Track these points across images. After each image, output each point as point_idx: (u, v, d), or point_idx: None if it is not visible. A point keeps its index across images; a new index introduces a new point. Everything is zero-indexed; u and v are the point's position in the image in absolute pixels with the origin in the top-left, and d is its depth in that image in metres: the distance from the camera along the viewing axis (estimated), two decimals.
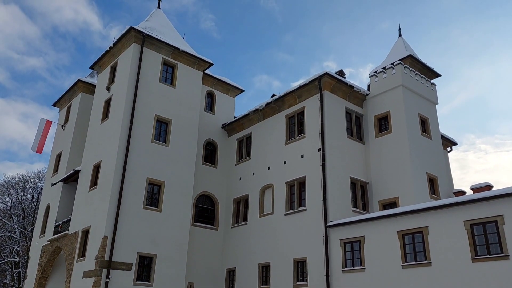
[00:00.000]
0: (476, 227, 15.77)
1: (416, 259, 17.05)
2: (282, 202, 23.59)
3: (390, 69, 24.56)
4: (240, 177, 27.28)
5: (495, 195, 15.60)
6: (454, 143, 29.35)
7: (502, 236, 14.97)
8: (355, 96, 24.89)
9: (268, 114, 26.67)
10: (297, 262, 21.62)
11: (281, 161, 24.64)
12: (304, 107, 24.37)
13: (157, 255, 22.16)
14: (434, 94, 26.15)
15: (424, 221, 17.17)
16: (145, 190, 22.88)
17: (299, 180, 23.14)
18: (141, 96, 24.31)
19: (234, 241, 25.83)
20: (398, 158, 22.65)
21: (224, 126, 29.40)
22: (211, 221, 26.81)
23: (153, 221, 22.62)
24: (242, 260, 24.69)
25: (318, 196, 21.54)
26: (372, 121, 24.60)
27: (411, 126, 23.36)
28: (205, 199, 27.16)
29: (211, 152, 28.60)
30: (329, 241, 20.29)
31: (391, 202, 22.08)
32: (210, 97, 29.91)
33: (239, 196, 26.81)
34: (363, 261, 18.69)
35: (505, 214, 15.03)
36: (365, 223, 19.23)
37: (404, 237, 17.64)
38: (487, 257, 15.17)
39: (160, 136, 24.61)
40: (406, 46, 28.43)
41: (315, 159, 22.54)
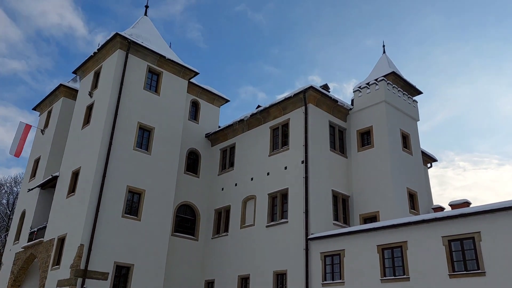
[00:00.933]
0: (454, 243, 15.96)
1: (395, 273, 17.12)
2: (264, 214, 23.48)
3: (373, 85, 24.94)
4: (223, 187, 27.08)
5: (473, 212, 15.85)
6: (434, 160, 29.83)
7: (479, 252, 15.18)
8: (339, 110, 25.14)
9: (253, 125, 26.68)
10: (277, 275, 21.46)
11: (264, 173, 24.59)
12: (289, 119, 24.48)
13: (134, 265, 21.70)
14: (415, 110, 26.62)
15: (403, 236, 17.30)
16: (125, 198, 22.48)
17: (281, 192, 23.11)
18: (124, 102, 24.04)
19: (214, 252, 25.52)
20: (380, 173, 22.87)
21: (208, 135, 29.26)
22: (192, 232, 26.46)
23: (131, 230, 22.20)
24: (222, 272, 24.38)
25: (300, 209, 21.53)
26: (355, 135, 24.85)
27: (393, 141, 23.67)
28: (186, 209, 26.84)
29: (193, 161, 28.37)
30: (309, 254, 20.23)
31: (372, 216, 22.21)
32: (194, 106, 29.78)
33: (220, 206, 26.58)
34: (343, 275, 18.67)
35: (482, 231, 15.27)
36: (346, 237, 19.27)
37: (383, 251, 17.72)
38: (464, 273, 15.33)
39: (142, 143, 24.31)
40: (389, 63, 28.97)
41: (298, 171, 22.57)
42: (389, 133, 23.62)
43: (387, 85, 24.78)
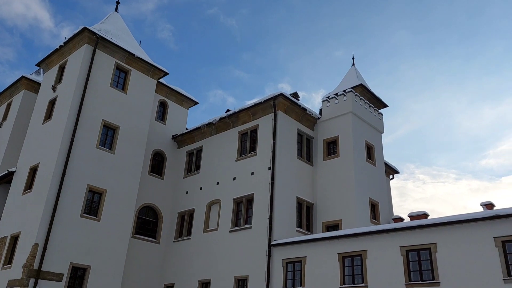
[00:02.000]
0: (411, 253, 16.40)
1: (354, 281, 17.40)
2: (228, 219, 23.34)
3: (341, 95, 25.45)
4: (187, 190, 26.74)
5: (430, 223, 16.36)
6: (396, 171, 30.71)
7: (434, 263, 15.68)
8: (307, 118, 25.47)
9: (221, 128, 26.55)
10: (238, 280, 21.34)
11: (231, 177, 24.48)
12: (258, 125, 24.53)
13: (91, 266, 20.98)
14: (380, 123, 27.36)
15: (363, 244, 17.63)
16: (85, 197, 21.75)
17: (247, 197, 23.07)
18: (89, 99, 23.33)
19: (175, 256, 25.09)
20: (343, 182, 23.29)
21: (174, 137, 28.84)
22: (153, 234, 25.91)
23: (90, 230, 21.47)
24: (182, 276, 23.99)
25: (265, 214, 21.55)
26: (322, 144, 25.23)
27: (357, 152, 24.20)
28: (148, 211, 26.28)
29: (158, 163, 27.87)
30: (271, 260, 20.25)
31: (334, 224, 22.55)
32: (162, 106, 29.33)
33: (184, 210, 26.20)
34: (304, 282, 18.79)
35: (438, 242, 15.79)
36: (308, 244, 19.43)
37: (344, 259, 17.99)
38: (419, 282, 15.78)
39: (106, 142, 23.64)
40: (358, 75, 29.67)
41: (264, 177, 22.62)
42: (354, 143, 24.13)
43: (354, 96, 25.35)
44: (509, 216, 14.44)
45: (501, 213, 14.80)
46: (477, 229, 15.03)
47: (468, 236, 15.14)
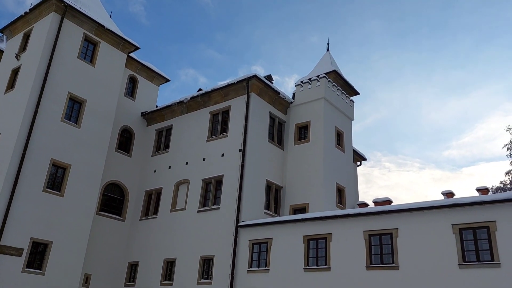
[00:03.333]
0: (373, 237, 16.92)
1: (318, 263, 17.84)
2: (196, 199, 23.25)
3: (315, 81, 25.58)
4: (155, 169, 26.36)
5: (392, 209, 16.92)
6: (363, 159, 31.40)
7: (395, 247, 16.25)
8: (280, 102, 25.48)
9: (192, 108, 26.18)
10: (204, 260, 21.43)
11: (200, 158, 24.30)
12: (230, 106, 24.34)
13: (53, 242, 20.46)
14: (351, 110, 27.77)
15: (328, 228, 18.04)
16: (48, 171, 21.03)
17: (216, 178, 23.00)
18: (55, 70, 22.35)
19: (140, 234, 24.84)
20: (312, 167, 23.61)
21: (144, 114, 28.23)
22: (118, 212, 25.52)
23: (53, 205, 20.86)
24: (147, 254, 23.84)
25: (233, 196, 21.60)
26: (293, 129, 25.38)
27: (327, 137, 24.51)
28: (114, 188, 25.78)
29: (126, 139, 27.26)
30: (238, 241, 20.41)
31: (301, 207, 22.91)
32: (132, 82, 28.54)
33: (151, 188, 25.87)
34: (269, 263, 19.08)
35: (400, 228, 16.36)
36: (274, 226, 19.69)
37: (309, 241, 18.36)
38: (380, 266, 16.35)
39: (71, 116, 22.83)
40: (332, 61, 29.82)
41: (234, 159, 22.58)
42: (325, 129, 24.41)
43: (327, 82, 25.53)
44: (467, 205, 15.11)
45: (460, 201, 15.47)
46: (437, 216, 15.67)
47: (428, 223, 15.76)
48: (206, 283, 20.71)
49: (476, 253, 14.58)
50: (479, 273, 14.19)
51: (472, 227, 14.88)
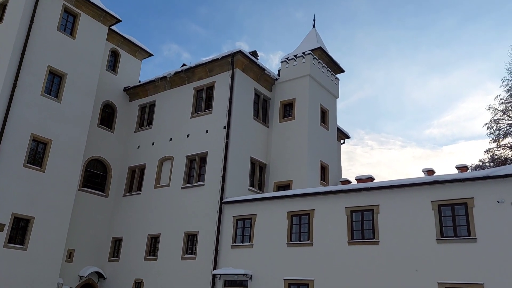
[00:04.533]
0: (355, 214, 17.29)
1: (301, 239, 18.18)
2: (180, 176, 23.22)
3: (300, 57, 25.42)
4: (139, 145, 26.12)
5: (374, 186, 17.24)
6: (347, 136, 31.72)
7: (375, 223, 16.66)
8: (265, 79, 25.32)
9: (176, 83, 25.80)
10: (188, 236, 21.60)
11: (184, 134, 24.14)
12: (214, 82, 24.08)
13: (35, 217, 20.24)
14: (336, 88, 27.82)
15: (311, 204, 18.33)
16: (28, 146, 20.59)
17: (200, 155, 22.95)
18: (34, 42, 21.59)
19: (124, 210, 24.80)
20: (297, 144, 23.74)
21: (126, 89, 27.72)
22: (101, 188, 25.34)
23: (34, 181, 20.54)
24: (131, 230, 23.88)
25: (218, 173, 21.64)
26: (278, 106, 25.35)
27: (312, 115, 24.59)
28: (97, 164, 25.51)
29: (108, 115, 26.82)
30: (222, 217, 20.58)
31: (285, 184, 23.15)
32: (114, 56, 27.84)
33: (135, 165, 25.69)
34: (252, 238, 19.37)
35: (381, 204, 16.74)
36: (258, 202, 19.89)
37: (292, 217, 18.66)
38: (361, 241, 16.78)
39: (51, 90, 22.22)
40: (317, 38, 29.61)
41: (219, 136, 22.51)
42: (309, 107, 24.46)
43: (313, 59, 25.42)
44: (446, 182, 15.51)
45: (439, 179, 15.86)
46: (417, 193, 16.06)
47: (408, 199, 16.15)
48: (191, 258, 20.95)
49: (453, 229, 15.08)
50: (456, 248, 14.71)
51: (450, 203, 15.33)
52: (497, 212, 14.37)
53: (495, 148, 30.82)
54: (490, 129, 30.02)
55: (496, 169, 15.44)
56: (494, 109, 29.75)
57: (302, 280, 17.37)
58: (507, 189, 14.40)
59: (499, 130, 29.73)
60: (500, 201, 14.34)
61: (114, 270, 23.63)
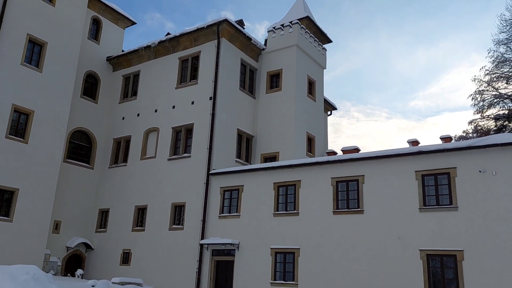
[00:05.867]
0: (340, 184, 17.53)
1: (287, 209, 18.44)
2: (167, 147, 23.08)
3: (287, 27, 25.00)
4: (124, 116, 25.75)
5: (359, 157, 17.44)
6: (333, 108, 31.73)
7: (360, 193, 16.94)
8: (251, 49, 24.91)
9: (161, 53, 25.23)
10: (175, 207, 21.70)
11: (170, 105, 23.84)
12: (200, 52, 23.61)
13: (19, 189, 20.04)
14: (323, 58, 27.58)
15: (298, 175, 18.50)
16: (10, 117, 20.12)
17: (186, 126, 22.76)
18: (12, 9, 20.71)
19: (110, 182, 24.69)
20: (284, 116, 23.69)
21: (109, 59, 27.03)
22: (86, 160, 25.11)
23: (17, 152, 20.19)
24: (118, 202, 23.88)
25: (204, 144, 21.56)
26: (265, 77, 25.09)
27: (299, 86, 24.44)
28: (81, 136, 25.16)
29: (92, 85, 26.24)
30: (209, 188, 20.67)
31: (272, 156, 23.24)
32: (95, 24, 26.97)
33: (120, 136, 25.41)
34: (239, 209, 19.57)
35: (366, 174, 16.98)
36: (245, 174, 19.99)
37: (279, 188, 18.84)
38: (346, 210, 17.10)
39: (32, 59, 21.54)
40: (305, 7, 29.04)
41: (205, 107, 22.29)
42: (297, 78, 24.27)
43: (300, 29, 25.03)
44: (430, 152, 15.76)
45: (423, 149, 16.10)
46: (401, 163, 16.31)
47: (393, 169, 16.41)
48: (178, 229, 21.13)
49: (436, 198, 15.43)
50: (438, 216, 15.11)
51: (433, 173, 15.63)
52: (478, 181, 14.72)
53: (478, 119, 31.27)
54: (475, 100, 30.34)
55: (479, 140, 15.70)
56: (479, 80, 29.97)
57: (288, 248, 17.74)
58: (489, 159, 14.71)
59: (483, 101, 30.07)
60: (481, 170, 14.67)
61: (101, 241, 23.76)
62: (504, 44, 28.38)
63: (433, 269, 14.84)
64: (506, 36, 28.43)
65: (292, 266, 17.51)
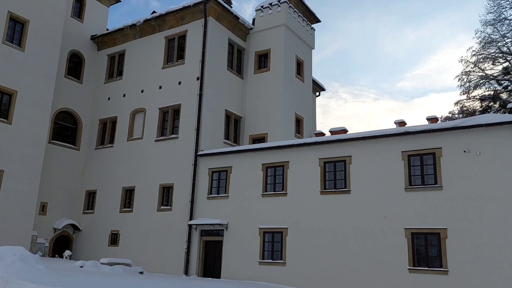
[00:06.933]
0: (328, 165, 17.67)
1: (275, 189, 18.55)
2: (154, 128, 22.87)
3: (276, 6, 24.66)
4: (109, 97, 25.36)
5: (346, 138, 17.53)
6: (322, 89, 31.70)
7: (348, 173, 17.10)
8: (239, 28, 24.56)
9: (146, 32, 24.72)
10: (163, 188, 21.67)
11: (156, 86, 23.52)
12: (186, 31, 23.20)
13: (4, 171, 19.75)
14: (312, 38, 27.37)
15: (286, 156, 18.56)
16: None
17: (173, 107, 22.54)
18: None
19: (97, 163, 24.48)
20: (272, 97, 23.60)
21: (93, 38, 26.41)
22: (72, 141, 24.79)
23: (1, 133, 19.83)
24: (105, 183, 23.73)
25: (192, 125, 21.42)
26: (253, 57, 24.84)
27: (287, 67, 24.29)
28: (66, 116, 24.76)
29: (76, 65, 25.69)
30: (197, 169, 20.65)
31: (261, 137, 23.24)
32: (79, 2, 26.27)
33: (106, 117, 25.07)
34: (228, 190, 19.63)
35: (353, 155, 17.12)
36: (234, 155, 19.98)
37: (267, 169, 18.91)
38: (333, 190, 17.28)
39: (13, 38, 20.95)
40: None
41: (192, 87, 22.04)
42: (285, 58, 24.09)
43: (288, 8, 24.72)
44: (416, 133, 15.92)
45: (410, 130, 16.26)
46: (388, 144, 16.46)
47: (380, 150, 16.56)
48: (166, 210, 21.16)
49: (421, 178, 15.67)
50: (423, 196, 15.38)
51: (419, 153, 15.82)
52: (463, 161, 14.96)
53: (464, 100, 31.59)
54: (461, 81, 30.55)
55: (464, 120, 15.90)
56: (466, 61, 30.12)
57: (276, 228, 17.93)
58: (473, 139, 14.93)
59: (470, 82, 30.31)
60: (466, 150, 14.90)
61: (89, 222, 23.69)
62: (491, 25, 28.48)
63: (417, 247, 15.19)
64: (493, 16, 28.51)
65: (280, 245, 17.74)
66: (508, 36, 28.18)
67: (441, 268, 14.52)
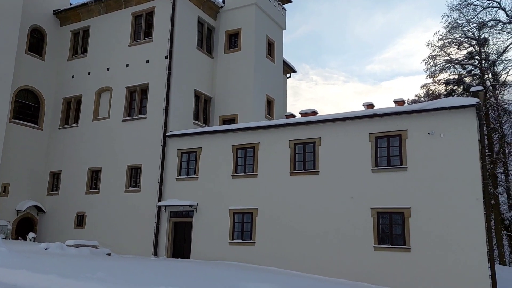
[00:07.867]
0: (298, 146, 17.81)
1: (246, 170, 18.57)
2: (121, 108, 22.26)
3: None
4: (73, 75, 24.40)
5: (316, 120, 17.68)
6: (293, 70, 31.64)
7: (317, 155, 17.32)
8: (209, 6, 24.00)
9: (112, 7, 23.76)
10: (131, 169, 21.27)
11: (123, 64, 22.79)
12: (154, 8, 22.46)
13: None
14: (283, 19, 27.13)
15: (256, 137, 18.55)
16: None
17: (141, 86, 21.96)
18: None
19: (61, 143, 23.67)
20: (243, 77, 23.37)
21: (56, 12, 25.16)
22: (35, 120, 23.81)
23: None
24: (70, 164, 23.04)
25: (160, 105, 20.97)
26: (223, 36, 24.41)
27: (258, 47, 24.04)
28: (28, 94, 23.68)
29: (37, 41, 24.46)
30: (166, 150, 20.34)
31: (231, 118, 23.07)
32: None
33: (70, 96, 24.17)
34: (197, 171, 19.48)
35: (322, 137, 17.31)
36: (204, 136, 19.78)
37: (238, 150, 18.86)
38: (302, 171, 17.48)
39: None
40: None
41: (160, 66, 21.50)
42: (256, 38, 23.81)
43: None
44: (383, 115, 16.23)
45: (377, 112, 16.55)
46: (356, 126, 16.73)
47: (348, 132, 16.82)
48: (135, 191, 20.83)
49: (387, 159, 16.07)
50: (389, 176, 15.80)
51: (386, 135, 16.18)
52: (427, 143, 15.42)
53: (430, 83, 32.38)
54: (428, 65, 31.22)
55: (429, 103, 16.32)
56: (433, 45, 30.78)
57: (246, 209, 18.02)
58: (437, 121, 15.37)
59: (436, 66, 31.04)
60: (430, 133, 15.35)
61: (54, 203, 23.04)
62: (457, 9, 29.09)
63: (382, 225, 15.69)
64: (460, 1, 29.12)
65: (250, 225, 17.88)
66: (473, 21, 28.91)
67: (404, 245, 15.08)
